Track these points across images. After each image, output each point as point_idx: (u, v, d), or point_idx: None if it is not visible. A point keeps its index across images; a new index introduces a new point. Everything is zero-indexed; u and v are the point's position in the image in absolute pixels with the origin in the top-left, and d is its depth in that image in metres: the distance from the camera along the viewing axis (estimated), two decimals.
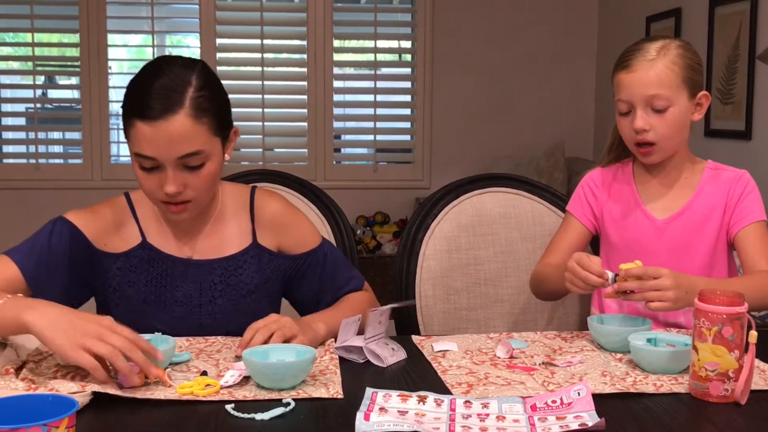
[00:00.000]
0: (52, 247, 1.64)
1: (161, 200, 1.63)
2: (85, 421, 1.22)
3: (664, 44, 1.83)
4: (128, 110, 1.59)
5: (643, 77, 1.80)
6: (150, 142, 1.56)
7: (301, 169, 5.14)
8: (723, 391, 1.34)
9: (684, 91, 1.82)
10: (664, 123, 1.81)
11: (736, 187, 1.87)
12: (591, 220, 1.98)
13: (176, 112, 1.56)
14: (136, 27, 5.37)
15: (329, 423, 1.24)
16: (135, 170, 1.62)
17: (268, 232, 1.78)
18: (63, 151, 5.52)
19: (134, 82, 1.62)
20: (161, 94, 1.56)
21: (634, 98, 1.82)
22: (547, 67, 5.40)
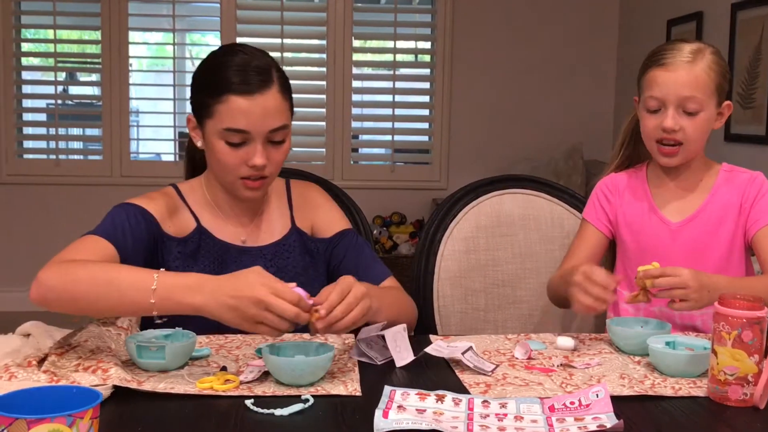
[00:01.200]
0: (132, 226, 1.65)
1: (242, 176, 1.68)
2: (105, 414, 1.22)
3: (700, 48, 1.82)
4: (219, 85, 1.64)
5: (681, 77, 1.79)
6: (246, 115, 1.63)
7: (318, 168, 5.16)
8: (742, 395, 1.34)
9: (714, 97, 1.82)
10: (693, 126, 1.81)
11: (751, 189, 1.87)
12: (607, 225, 1.97)
13: (270, 87, 1.66)
14: (157, 25, 5.40)
15: (348, 420, 1.24)
16: (216, 147, 1.67)
17: (302, 212, 1.86)
18: (83, 148, 5.57)
19: (216, 61, 1.69)
20: (255, 71, 1.65)
21: (669, 97, 1.80)
22: (567, 69, 5.39)
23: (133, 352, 1.43)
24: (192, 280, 1.45)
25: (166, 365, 1.43)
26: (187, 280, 1.46)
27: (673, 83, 1.80)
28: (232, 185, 1.72)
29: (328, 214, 1.89)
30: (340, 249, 1.85)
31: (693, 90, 1.79)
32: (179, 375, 1.41)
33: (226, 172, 1.70)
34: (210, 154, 1.71)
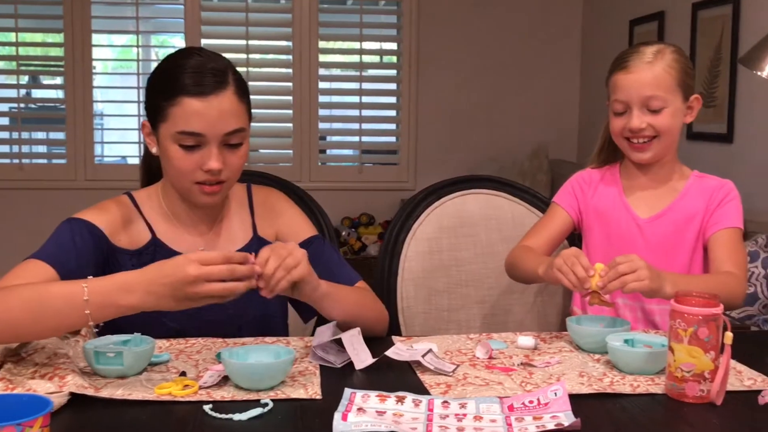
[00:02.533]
0: (77, 245, 1.61)
1: (197, 181, 1.65)
2: (62, 422, 1.22)
3: (660, 48, 1.88)
4: (173, 87, 1.61)
5: (641, 78, 1.85)
6: (200, 117, 1.60)
7: (286, 170, 5.15)
8: (699, 392, 1.35)
9: (679, 94, 1.87)
10: (659, 120, 1.86)
11: (718, 194, 1.91)
12: (576, 212, 2.01)
13: (225, 89, 1.62)
14: (121, 27, 5.35)
15: (307, 423, 1.24)
16: (170, 151, 1.63)
17: (266, 220, 1.82)
18: (47, 151, 5.50)
19: (171, 64, 1.66)
20: (210, 72, 1.62)
21: (632, 99, 1.86)
22: (532, 70, 5.42)
23: (90, 359, 1.42)
24: (121, 280, 1.42)
25: (124, 371, 1.41)
26: (115, 281, 1.42)
27: (634, 84, 1.86)
28: (188, 191, 1.68)
29: (293, 221, 1.85)
30: (310, 255, 1.80)
31: (654, 89, 1.84)
32: (137, 381, 1.40)
33: (181, 178, 1.66)
34: (164, 159, 1.67)
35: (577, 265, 1.66)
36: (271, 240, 1.81)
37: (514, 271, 1.98)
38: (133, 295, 1.40)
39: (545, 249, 1.98)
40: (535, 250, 1.95)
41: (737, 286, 1.79)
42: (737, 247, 1.87)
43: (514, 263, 1.96)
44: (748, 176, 3.58)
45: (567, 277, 1.67)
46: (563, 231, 2.02)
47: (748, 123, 3.72)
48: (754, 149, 3.66)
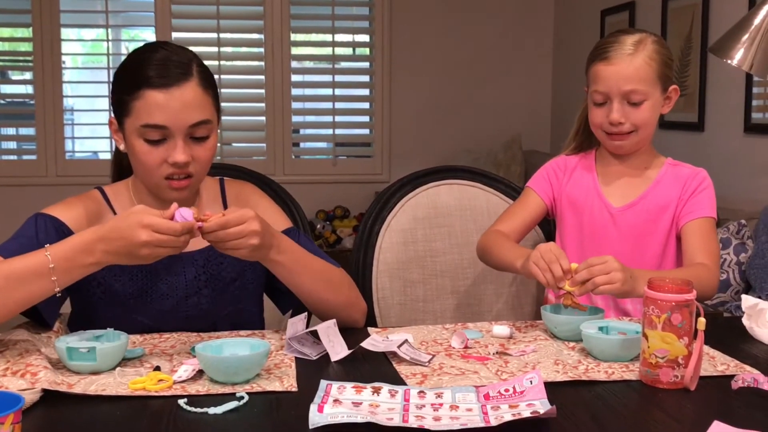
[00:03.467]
0: (40, 241, 1.58)
1: (164, 176, 1.63)
2: (34, 419, 1.20)
3: (641, 38, 1.87)
4: (136, 81, 1.60)
5: (622, 71, 1.84)
6: (163, 109, 1.58)
7: (259, 164, 5.13)
8: (673, 378, 1.36)
9: (658, 85, 1.88)
10: (639, 114, 1.86)
11: (691, 183, 1.92)
12: (550, 198, 2.02)
13: (188, 80, 1.61)
14: (91, 21, 5.29)
15: (283, 416, 1.23)
16: (135, 146, 1.62)
17: None
18: (17, 148, 5.43)
19: (135, 58, 1.64)
20: (173, 64, 1.61)
21: (612, 91, 1.86)
22: (504, 61, 5.44)
23: (63, 355, 1.40)
24: (79, 242, 1.46)
25: (97, 367, 1.40)
26: (74, 245, 1.46)
27: (615, 77, 1.85)
28: (157, 187, 1.66)
29: (267, 213, 1.79)
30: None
31: (635, 83, 1.84)
32: (111, 376, 1.38)
33: (149, 173, 1.64)
34: (131, 155, 1.66)
35: (555, 263, 1.64)
36: None
37: (486, 257, 1.98)
38: (93, 255, 1.45)
39: (518, 234, 1.98)
40: (508, 235, 1.95)
41: (710, 278, 1.79)
42: (710, 237, 1.87)
43: (487, 249, 1.96)
44: (719, 165, 3.62)
45: (543, 274, 1.66)
46: (536, 217, 2.02)
47: (718, 112, 3.75)
48: (725, 138, 3.69)
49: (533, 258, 1.68)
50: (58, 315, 1.64)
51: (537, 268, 1.67)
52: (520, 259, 1.79)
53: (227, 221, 1.49)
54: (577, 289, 1.63)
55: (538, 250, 1.68)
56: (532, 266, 1.68)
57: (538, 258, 1.67)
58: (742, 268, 3.02)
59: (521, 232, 2.00)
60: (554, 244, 1.71)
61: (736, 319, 1.76)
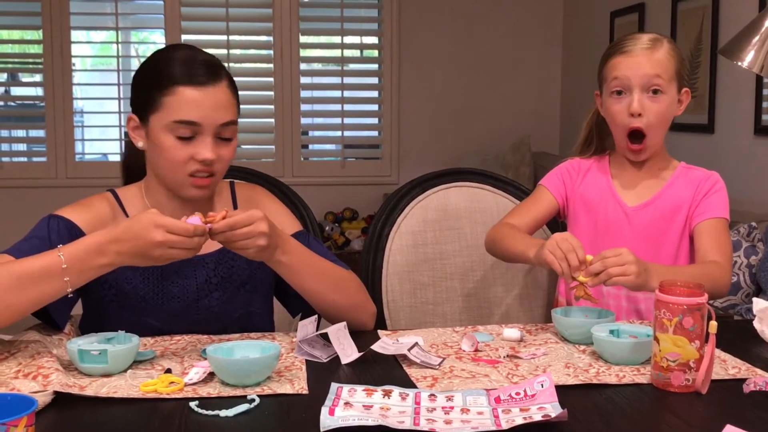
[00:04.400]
0: (53, 243, 1.59)
1: (189, 173, 1.64)
2: (46, 421, 1.21)
3: (657, 37, 1.89)
4: (169, 77, 1.61)
5: (644, 61, 1.84)
6: (196, 106, 1.61)
7: (268, 166, 5.13)
8: (684, 381, 1.36)
9: (674, 82, 1.88)
10: (657, 107, 1.85)
11: (704, 184, 1.92)
12: (563, 198, 2.01)
13: (221, 81, 1.65)
14: (100, 23, 5.31)
15: (294, 419, 1.24)
16: (163, 142, 1.63)
17: None
18: (27, 150, 5.45)
19: (163, 56, 1.67)
20: (206, 65, 1.64)
21: (634, 78, 1.84)
22: (513, 63, 5.43)
23: (74, 357, 1.41)
24: (92, 243, 1.48)
25: (108, 369, 1.40)
26: (87, 246, 1.48)
27: (636, 65, 1.84)
28: (180, 184, 1.66)
29: (277, 217, 1.80)
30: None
31: (656, 69, 1.84)
32: (122, 379, 1.39)
33: (174, 170, 1.64)
34: (156, 151, 1.66)
35: (572, 253, 1.64)
36: None
37: (495, 248, 1.96)
38: (106, 256, 1.47)
39: (528, 229, 1.97)
40: (519, 228, 1.94)
41: (722, 276, 1.79)
42: (722, 236, 1.87)
43: (497, 239, 1.94)
44: (730, 167, 3.61)
45: (559, 263, 1.64)
46: (547, 214, 2.01)
47: (728, 114, 3.74)
48: (735, 140, 3.68)
49: (549, 246, 1.67)
50: (69, 317, 1.64)
51: (553, 256, 1.66)
52: (533, 248, 1.77)
53: (236, 222, 1.51)
54: (591, 280, 1.62)
55: (553, 239, 1.68)
56: (548, 255, 1.66)
57: (555, 247, 1.66)
58: (752, 271, 3.01)
59: (531, 227, 1.99)
60: (570, 234, 1.70)
61: (747, 322, 1.75)
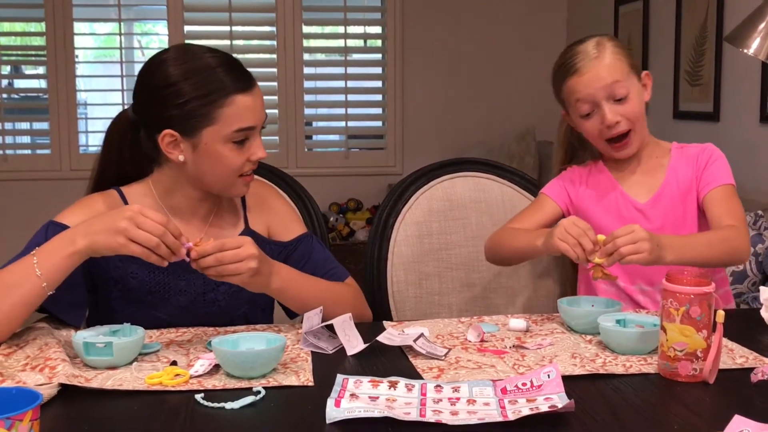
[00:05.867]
0: None
1: (244, 172, 1.66)
2: (52, 413, 1.21)
3: (596, 41, 1.88)
4: (221, 89, 1.60)
5: (599, 73, 1.84)
6: (253, 110, 1.63)
7: (272, 157, 5.12)
8: (691, 371, 1.35)
9: (633, 75, 1.88)
10: (630, 108, 1.85)
11: (702, 157, 1.92)
12: (566, 203, 1.98)
13: (254, 79, 1.68)
14: (103, 15, 5.29)
15: (300, 411, 1.23)
16: (221, 152, 1.62)
17: (258, 214, 1.81)
18: (31, 142, 5.45)
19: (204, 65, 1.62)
20: (239, 66, 1.66)
21: (597, 94, 1.84)
22: (517, 52, 5.41)
23: (80, 349, 1.40)
24: (63, 234, 1.50)
25: (114, 362, 1.40)
26: (58, 237, 1.50)
27: (593, 80, 1.84)
28: (231, 186, 1.68)
29: (284, 218, 1.84)
30: (298, 255, 1.79)
31: (613, 75, 1.83)
32: (128, 371, 1.39)
33: (229, 174, 1.65)
34: (208, 162, 1.63)
35: (584, 237, 1.63)
36: (263, 233, 1.80)
37: (498, 250, 1.95)
38: (74, 242, 1.47)
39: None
40: (525, 230, 1.92)
41: (740, 238, 1.77)
42: (732, 201, 1.86)
43: (499, 242, 1.94)
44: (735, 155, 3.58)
45: (573, 249, 1.64)
46: (551, 220, 1.97)
47: (734, 101, 3.72)
48: (741, 127, 3.66)
49: (558, 234, 1.66)
50: (84, 316, 1.66)
51: (565, 244, 1.64)
52: (540, 238, 1.76)
53: (224, 243, 1.50)
54: (606, 260, 1.62)
55: (561, 225, 1.67)
56: (559, 243, 1.65)
57: (565, 233, 1.65)
58: (759, 259, 3.00)
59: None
60: (577, 218, 1.69)
61: (754, 311, 1.75)
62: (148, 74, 1.65)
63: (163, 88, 1.61)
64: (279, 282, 1.61)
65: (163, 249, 1.45)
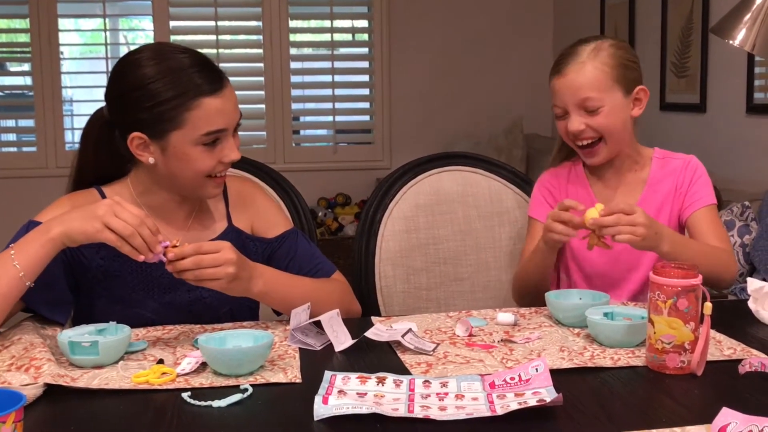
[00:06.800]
0: None
1: (215, 174, 1.64)
2: (37, 414, 1.20)
3: (597, 45, 1.85)
4: (187, 91, 1.56)
5: (574, 81, 1.83)
6: (221, 113, 1.59)
7: (260, 152, 5.11)
8: (679, 363, 1.35)
9: (617, 89, 1.84)
10: (597, 120, 1.84)
11: (685, 173, 1.91)
12: None
13: (226, 79, 1.64)
14: (88, 11, 5.26)
15: (288, 408, 1.23)
16: (190, 155, 1.60)
17: (241, 212, 1.79)
18: (16, 139, 5.42)
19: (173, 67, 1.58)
20: (213, 67, 1.62)
21: (567, 102, 1.85)
22: (504, 45, 5.41)
23: (65, 349, 1.39)
24: (37, 228, 1.49)
25: (100, 361, 1.39)
26: (36, 230, 1.49)
27: (567, 88, 1.84)
28: (201, 187, 1.65)
29: (268, 214, 1.82)
30: (283, 251, 1.78)
31: (587, 91, 1.81)
32: (114, 370, 1.38)
33: (198, 176, 1.62)
34: (177, 164, 1.61)
35: (568, 220, 1.69)
36: (246, 231, 1.78)
37: (525, 284, 1.93)
38: (50, 230, 1.47)
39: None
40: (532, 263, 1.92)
41: (730, 261, 1.82)
42: (717, 223, 1.89)
43: (521, 276, 1.94)
44: (722, 146, 3.60)
45: (567, 233, 1.70)
46: None
47: (720, 93, 3.73)
48: (727, 119, 3.67)
49: (548, 228, 1.73)
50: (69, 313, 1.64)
51: (558, 234, 1.72)
52: (541, 241, 1.81)
53: (201, 246, 1.50)
54: (600, 230, 1.65)
55: (549, 218, 1.73)
56: (552, 236, 1.73)
57: (552, 225, 1.72)
58: (746, 250, 3.01)
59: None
60: (555, 211, 1.73)
61: (742, 302, 1.75)
62: (119, 76, 1.62)
63: (132, 90, 1.59)
64: (261, 285, 1.59)
65: (138, 240, 1.44)
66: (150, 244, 1.46)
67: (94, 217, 1.45)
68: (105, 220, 1.44)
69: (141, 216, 1.45)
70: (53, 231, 1.47)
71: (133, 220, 1.44)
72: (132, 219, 1.44)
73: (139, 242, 1.45)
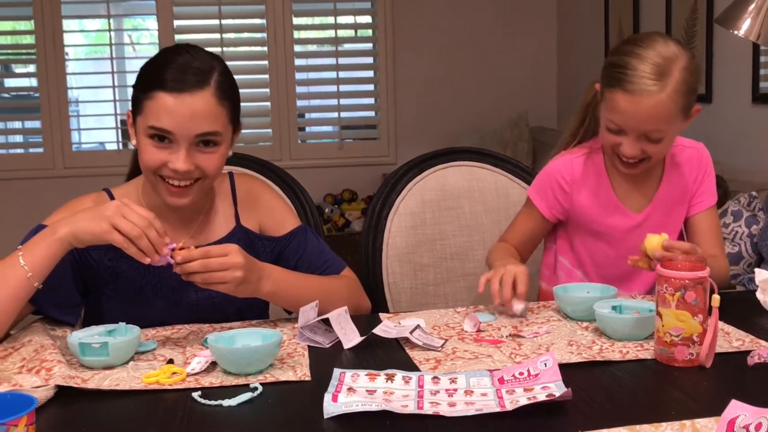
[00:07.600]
0: None
1: (162, 175, 1.61)
2: (49, 416, 1.20)
3: (668, 65, 1.69)
4: (148, 80, 1.58)
5: (643, 110, 1.69)
6: (171, 114, 1.55)
7: (265, 149, 5.12)
8: (688, 356, 1.35)
9: (680, 116, 1.74)
10: (655, 149, 1.76)
11: (699, 167, 1.91)
12: (554, 214, 1.92)
13: (203, 88, 1.57)
14: (92, 11, 5.26)
15: (297, 406, 1.23)
16: (141, 144, 1.60)
17: (249, 211, 1.78)
18: (23, 141, 5.43)
19: (158, 58, 1.62)
20: (192, 71, 1.57)
21: (629, 128, 1.73)
22: (509, 38, 5.39)
23: (75, 350, 1.40)
24: (45, 230, 1.51)
25: (110, 362, 1.40)
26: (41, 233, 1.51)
27: (635, 114, 1.70)
28: (155, 187, 1.64)
29: (277, 213, 1.81)
30: (292, 249, 1.78)
31: (656, 123, 1.71)
32: (124, 371, 1.38)
33: (148, 171, 1.62)
34: (138, 152, 1.63)
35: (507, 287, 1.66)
36: (254, 230, 1.78)
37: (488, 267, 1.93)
38: (56, 231, 1.48)
39: (522, 249, 1.95)
40: (509, 246, 1.93)
41: (722, 268, 1.85)
42: (717, 225, 1.93)
43: (487, 260, 1.94)
44: (728, 136, 3.59)
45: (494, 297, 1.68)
46: (539, 231, 1.96)
47: (726, 83, 3.72)
48: (733, 109, 3.66)
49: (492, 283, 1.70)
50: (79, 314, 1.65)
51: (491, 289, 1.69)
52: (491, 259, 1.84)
53: (209, 250, 1.50)
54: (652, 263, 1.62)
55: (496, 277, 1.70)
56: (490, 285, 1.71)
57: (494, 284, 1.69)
58: (754, 240, 3.00)
59: (526, 248, 1.97)
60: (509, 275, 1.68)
61: (750, 292, 1.74)
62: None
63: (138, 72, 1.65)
64: (270, 286, 1.60)
65: (145, 242, 1.45)
66: (157, 246, 1.46)
67: (102, 217, 1.45)
68: (113, 221, 1.45)
69: (149, 218, 1.46)
70: (60, 231, 1.48)
71: (141, 222, 1.45)
72: (140, 221, 1.45)
73: (145, 244, 1.45)
